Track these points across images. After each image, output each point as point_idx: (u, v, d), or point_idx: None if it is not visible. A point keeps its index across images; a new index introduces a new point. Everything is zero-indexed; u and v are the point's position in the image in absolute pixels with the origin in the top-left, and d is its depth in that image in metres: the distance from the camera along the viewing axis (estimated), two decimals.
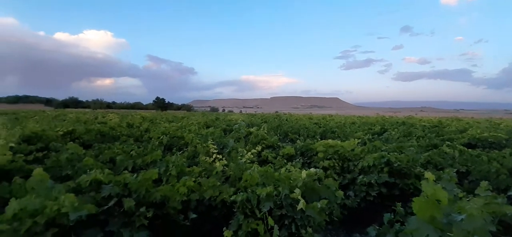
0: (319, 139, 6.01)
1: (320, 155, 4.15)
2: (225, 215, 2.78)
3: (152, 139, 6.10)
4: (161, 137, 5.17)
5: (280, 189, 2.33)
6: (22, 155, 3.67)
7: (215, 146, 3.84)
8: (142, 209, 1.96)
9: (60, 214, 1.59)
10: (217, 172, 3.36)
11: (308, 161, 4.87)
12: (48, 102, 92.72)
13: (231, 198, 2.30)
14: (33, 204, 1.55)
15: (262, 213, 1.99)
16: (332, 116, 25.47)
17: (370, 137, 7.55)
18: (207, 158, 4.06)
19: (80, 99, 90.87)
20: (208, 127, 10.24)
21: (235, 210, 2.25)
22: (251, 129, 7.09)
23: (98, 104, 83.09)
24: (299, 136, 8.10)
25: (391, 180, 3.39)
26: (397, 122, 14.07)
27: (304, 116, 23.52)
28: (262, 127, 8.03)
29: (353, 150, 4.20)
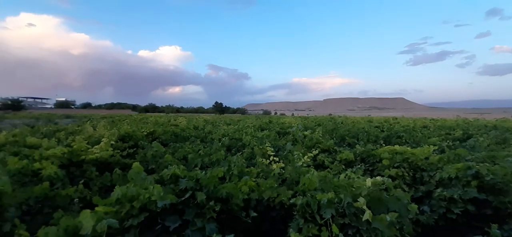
0: (383, 145, 5.44)
1: (385, 162, 3.75)
2: (283, 217, 2.80)
3: (214, 140, 6.61)
4: (223, 139, 5.54)
5: (341, 196, 2.21)
6: (119, 150, 4.49)
7: (272, 149, 3.90)
8: (211, 203, 2.15)
9: (150, 201, 1.88)
10: (274, 174, 3.41)
11: (370, 168, 4.46)
12: (134, 107, 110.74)
13: (291, 201, 2.29)
14: (131, 191, 1.88)
15: (323, 219, 1.92)
16: (396, 118, 22.63)
17: (450, 143, 6.40)
18: (264, 160, 4.16)
19: (156, 105, 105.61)
20: (262, 130, 10.48)
21: (294, 213, 2.23)
22: (305, 132, 6.94)
23: (170, 109, 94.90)
24: (357, 140, 7.50)
25: (481, 196, 2.80)
26: (486, 126, 11.54)
27: (362, 118, 21.66)
28: (317, 130, 7.76)
29: (427, 158, 3.65)
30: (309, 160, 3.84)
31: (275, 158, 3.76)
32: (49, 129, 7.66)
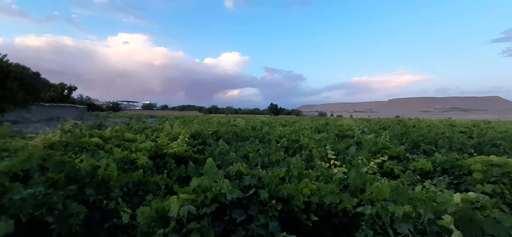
0: (473, 154, 4.46)
1: (477, 176, 3.07)
2: (346, 226, 2.61)
3: (272, 141, 6.71)
4: (282, 140, 5.58)
5: (420, 211, 1.92)
6: (190, 146, 5.04)
7: (333, 152, 3.70)
8: (273, 202, 2.18)
9: (221, 193, 2.04)
10: (336, 179, 3.22)
11: (455, 181, 3.73)
12: (200, 109, 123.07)
13: (358, 210, 2.12)
14: (205, 183, 2.08)
15: (398, 235, 1.70)
16: (490, 122, 18.23)
17: None
18: (323, 163, 3.98)
19: (218, 106, 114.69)
20: (319, 132, 10.06)
21: (361, 223, 2.06)
22: (369, 136, 6.30)
23: (229, 110, 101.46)
24: (436, 147, 6.37)
25: None
26: None
27: (440, 122, 18.30)
28: (383, 134, 6.95)
29: None
30: (375, 166, 3.48)
31: (336, 162, 3.55)
32: (139, 126, 9.27)
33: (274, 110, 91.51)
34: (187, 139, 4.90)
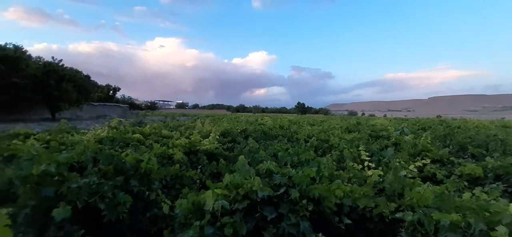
0: None
1: None
2: (381, 231, 2.46)
3: (300, 140, 6.60)
4: (311, 139, 5.45)
5: (470, 220, 1.72)
6: (220, 144, 5.20)
7: (367, 153, 3.51)
8: (304, 202, 2.15)
9: (252, 191, 2.07)
10: (370, 182, 3.05)
11: (510, 189, 3.28)
12: (228, 108, 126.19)
13: (397, 215, 1.98)
14: (237, 179, 2.13)
15: None
16: None
17: None
18: (355, 164, 3.80)
19: (245, 105, 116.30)
20: (349, 131, 9.60)
21: (401, 229, 1.92)
22: (407, 137, 5.83)
23: (256, 109, 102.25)
24: (487, 151, 5.65)
25: None
26: None
27: (491, 122, 16.18)
28: (423, 135, 6.37)
29: None
30: (415, 170, 3.21)
31: (370, 164, 3.36)
32: (174, 124, 9.84)
33: (301, 109, 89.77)
34: (217, 137, 5.07)
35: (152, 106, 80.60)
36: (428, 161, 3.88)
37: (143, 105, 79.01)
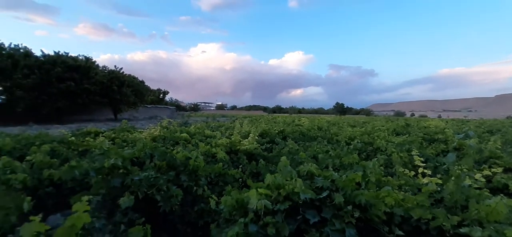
0: None
1: None
2: None
3: (340, 142, 6.26)
4: (354, 142, 5.13)
5: None
6: (259, 144, 5.26)
7: (422, 158, 3.14)
8: (350, 207, 2.03)
9: (293, 192, 2.05)
10: (426, 191, 2.71)
11: None
12: (264, 109, 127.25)
13: (461, 230, 1.73)
14: (279, 180, 2.12)
15: None
16: None
17: None
18: (406, 170, 3.43)
19: (282, 106, 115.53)
20: (397, 134, 8.72)
21: None
22: (468, 141, 5.02)
23: (293, 110, 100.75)
24: None
25: None
26: None
27: None
28: (492, 139, 5.41)
29: None
30: (483, 180, 2.75)
31: (425, 171, 3.01)
32: (214, 124, 10.35)
33: (340, 109, 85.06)
34: (256, 138, 5.14)
35: (194, 108, 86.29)
36: (499, 169, 3.28)
37: (187, 106, 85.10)
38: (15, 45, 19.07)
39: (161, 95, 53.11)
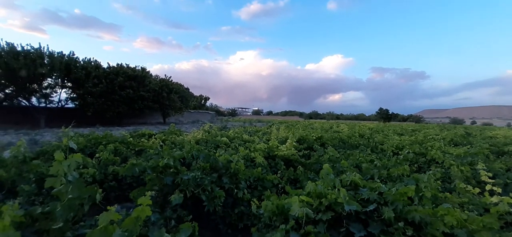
0: None
1: None
2: None
3: (386, 151, 5.73)
4: (404, 151, 4.65)
5: None
6: (296, 150, 5.15)
7: (489, 174, 2.67)
8: (401, 224, 1.83)
9: (336, 202, 1.94)
10: (494, 211, 2.29)
11: None
12: (301, 114, 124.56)
13: None
14: (320, 188, 2.04)
15: None
16: None
17: None
18: (468, 186, 2.95)
19: (318, 112, 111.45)
20: (455, 144, 7.59)
21: None
22: None
23: (330, 116, 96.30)
24: None
25: None
26: None
27: None
28: None
29: None
30: None
31: (494, 188, 2.55)
32: (252, 129, 10.53)
33: (384, 115, 77.93)
34: (294, 143, 5.06)
35: (232, 113, 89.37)
36: None
37: (225, 111, 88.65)
38: (87, 58, 22.62)
39: (203, 100, 56.55)
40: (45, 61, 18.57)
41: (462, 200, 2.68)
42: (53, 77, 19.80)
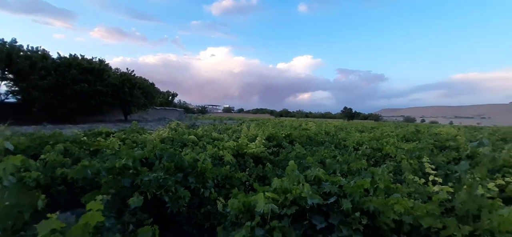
0: None
1: None
2: None
3: (348, 147, 6.17)
4: (362, 147, 5.05)
5: None
6: (266, 148, 5.25)
7: (433, 166, 3.06)
8: (357, 214, 1.99)
9: (301, 197, 2.03)
10: (436, 199, 2.64)
11: None
12: (271, 112, 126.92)
13: None
14: (286, 184, 2.11)
15: None
16: None
17: None
18: (416, 177, 3.34)
19: (289, 110, 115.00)
20: (407, 140, 8.52)
21: None
22: (482, 149, 4.85)
23: (300, 114, 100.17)
24: None
25: None
26: None
27: None
28: (506, 147, 5.20)
29: None
30: (496, 189, 2.65)
31: (436, 178, 2.93)
32: (222, 127, 10.41)
33: (348, 114, 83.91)
34: (263, 141, 5.14)
35: (202, 110, 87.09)
36: None
37: (195, 109, 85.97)
38: (32, 47, 19.84)
39: (170, 97, 53.94)
40: None
41: (410, 190, 3.01)
42: None
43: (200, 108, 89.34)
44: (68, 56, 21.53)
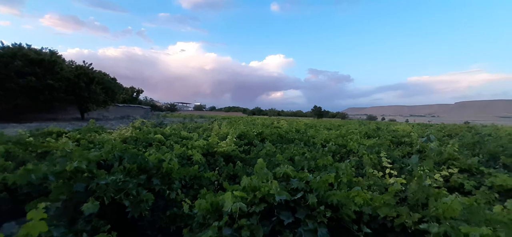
0: None
1: None
2: None
3: (317, 144, 6.47)
4: (329, 144, 5.33)
5: (500, 234, 1.60)
6: (237, 146, 5.24)
7: (390, 160, 3.36)
8: (322, 208, 2.10)
9: (269, 194, 2.07)
10: (392, 190, 2.91)
11: None
12: (244, 110, 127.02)
13: (420, 227, 1.88)
14: (255, 182, 2.13)
15: None
16: None
17: None
18: (375, 171, 3.65)
19: (261, 108, 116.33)
20: (369, 137, 9.25)
21: None
22: (430, 144, 5.50)
23: (272, 112, 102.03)
24: None
25: None
26: None
27: None
28: (450, 143, 5.98)
29: None
30: (441, 179, 3.02)
31: (392, 171, 3.22)
32: (192, 125, 10.10)
33: (318, 112, 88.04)
34: (234, 139, 5.12)
35: (171, 108, 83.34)
36: (455, 170, 3.62)
37: (163, 106, 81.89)
38: None
39: (135, 93, 50.50)
40: None
41: (369, 183, 3.27)
42: None
43: (169, 106, 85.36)
44: (11, 45, 18.80)
